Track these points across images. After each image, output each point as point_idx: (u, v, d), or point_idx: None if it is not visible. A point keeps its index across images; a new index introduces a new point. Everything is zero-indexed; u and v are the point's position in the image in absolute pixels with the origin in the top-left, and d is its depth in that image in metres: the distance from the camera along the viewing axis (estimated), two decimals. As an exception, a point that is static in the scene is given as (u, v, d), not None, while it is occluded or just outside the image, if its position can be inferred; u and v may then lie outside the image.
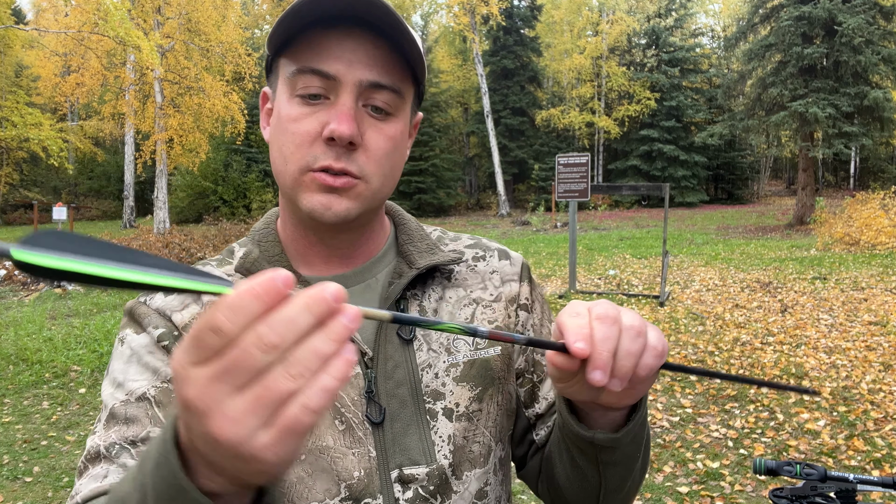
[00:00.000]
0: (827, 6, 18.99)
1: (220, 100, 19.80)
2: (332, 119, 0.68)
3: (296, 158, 0.69)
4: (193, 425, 0.38)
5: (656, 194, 14.57)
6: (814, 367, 5.49)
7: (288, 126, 0.70)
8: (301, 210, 0.71)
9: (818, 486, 1.28)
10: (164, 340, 0.71)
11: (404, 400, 0.72)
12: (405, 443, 0.71)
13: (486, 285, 0.83)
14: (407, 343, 0.75)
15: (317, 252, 0.77)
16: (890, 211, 14.19)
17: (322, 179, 0.69)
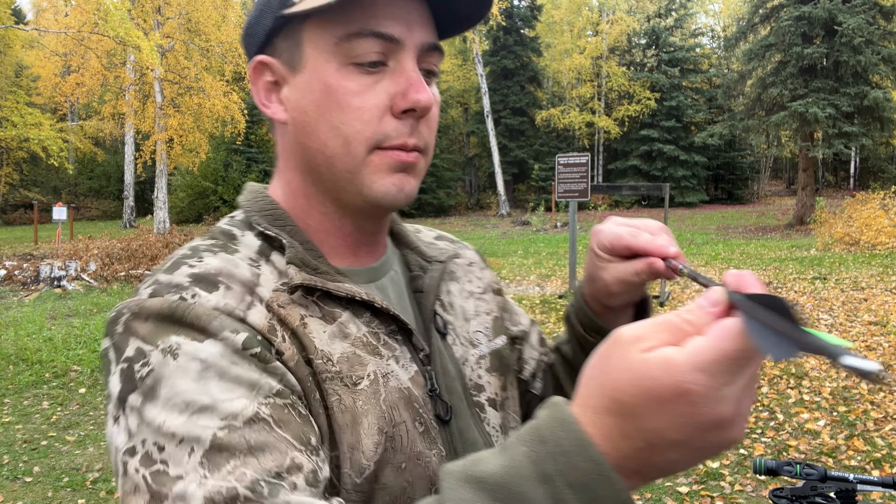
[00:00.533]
0: (827, 6, 18.99)
1: (220, 100, 19.81)
2: (402, 88, 0.61)
3: (363, 137, 0.61)
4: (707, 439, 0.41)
5: (656, 194, 14.58)
6: (814, 367, 5.49)
7: (350, 100, 0.61)
8: (362, 195, 0.63)
9: (818, 486, 1.28)
10: (251, 347, 0.55)
11: (459, 395, 0.71)
12: (470, 438, 0.69)
13: (471, 277, 0.83)
14: (443, 337, 0.73)
15: (348, 242, 0.69)
16: (890, 211, 14.19)
17: (398, 157, 0.62)
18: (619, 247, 0.67)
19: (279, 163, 0.70)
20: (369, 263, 0.71)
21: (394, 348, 0.65)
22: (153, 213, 21.50)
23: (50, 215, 18.94)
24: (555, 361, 0.87)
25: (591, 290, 0.73)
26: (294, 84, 0.63)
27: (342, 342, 0.62)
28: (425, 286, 0.73)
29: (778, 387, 5.10)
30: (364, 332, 0.64)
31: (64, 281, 10.57)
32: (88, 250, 12.74)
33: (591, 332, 0.76)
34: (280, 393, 0.54)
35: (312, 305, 0.62)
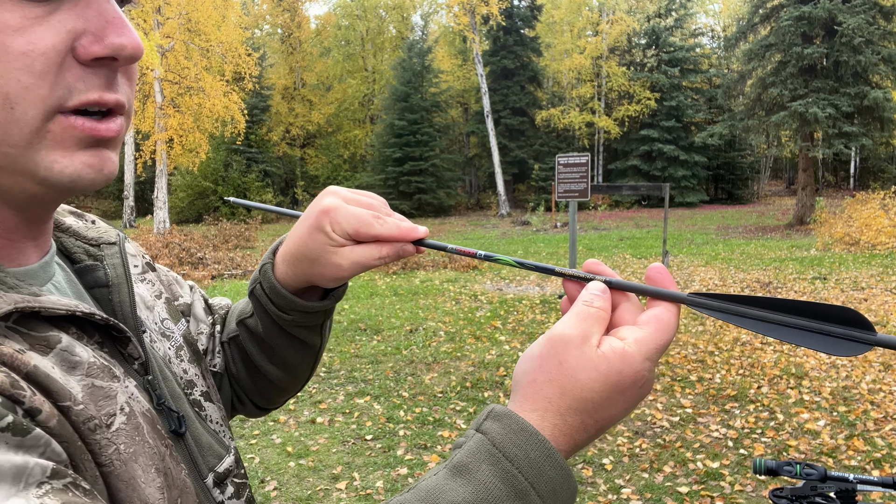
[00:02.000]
0: (827, 6, 18.99)
1: (220, 100, 19.81)
2: (95, 25, 0.44)
3: (36, 96, 0.42)
4: (637, 402, 0.50)
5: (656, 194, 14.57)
6: (814, 367, 5.49)
7: (10, 41, 0.41)
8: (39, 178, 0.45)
9: (818, 486, 1.28)
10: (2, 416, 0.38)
11: (180, 398, 0.61)
12: (204, 443, 0.61)
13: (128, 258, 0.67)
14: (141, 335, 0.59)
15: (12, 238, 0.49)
16: (890, 211, 14.19)
17: (88, 128, 0.45)
18: (364, 235, 0.60)
19: None
20: (38, 259, 0.52)
21: (115, 364, 0.50)
22: (153, 213, 21.51)
23: (50, 215, 18.90)
24: (240, 335, 0.77)
25: (306, 270, 0.64)
26: None
27: (74, 374, 0.45)
28: (111, 278, 0.58)
29: (778, 387, 5.10)
30: (92, 354, 0.48)
31: (64, 281, 10.58)
32: (88, 250, 12.74)
33: (286, 311, 0.69)
34: (56, 473, 0.38)
35: (14, 334, 0.43)
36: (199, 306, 0.78)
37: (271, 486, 3.79)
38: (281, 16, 37.73)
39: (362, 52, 38.62)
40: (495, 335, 6.92)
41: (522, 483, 0.42)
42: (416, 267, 11.96)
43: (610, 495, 3.59)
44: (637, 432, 4.39)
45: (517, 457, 0.43)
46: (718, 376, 5.39)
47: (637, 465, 3.92)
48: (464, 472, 0.43)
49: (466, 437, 0.47)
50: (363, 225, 0.60)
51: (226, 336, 0.79)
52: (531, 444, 0.44)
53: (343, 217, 0.60)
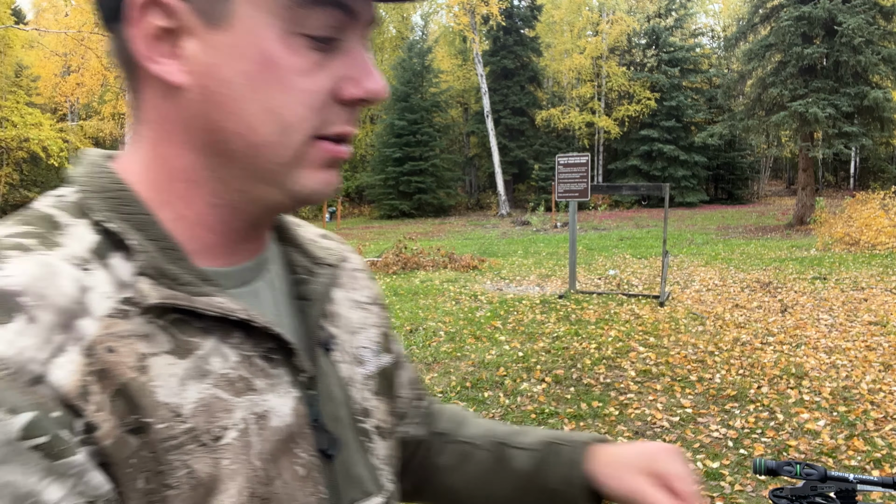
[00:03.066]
0: (827, 6, 19.00)
1: (220, 100, 19.85)
2: (356, 73, 0.51)
3: (306, 126, 0.50)
4: None
5: (656, 194, 14.58)
6: (814, 367, 5.49)
7: (295, 80, 0.49)
8: (286, 190, 0.52)
9: (818, 486, 1.28)
10: (36, 435, 0.39)
11: (345, 424, 0.60)
12: (355, 474, 0.60)
13: (356, 285, 0.72)
14: (327, 352, 0.61)
15: (229, 239, 0.55)
16: (890, 211, 14.19)
17: (334, 152, 0.53)
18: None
19: (147, 132, 0.52)
20: (245, 261, 0.57)
21: (270, 374, 0.53)
22: (153, 213, 21.50)
23: (50, 215, 18.90)
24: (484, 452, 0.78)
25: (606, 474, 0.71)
26: (210, 42, 0.48)
27: (199, 384, 0.48)
28: (312, 293, 0.61)
29: (778, 387, 5.10)
30: (233, 363, 0.51)
31: (64, 281, 10.57)
32: (88, 250, 12.73)
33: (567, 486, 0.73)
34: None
35: (161, 334, 0.47)
36: (407, 372, 0.81)
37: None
38: (281, 16, 37.73)
39: (362, 52, 38.59)
40: (495, 335, 6.92)
41: None
42: (416, 267, 11.96)
43: (610, 495, 3.59)
44: (637, 432, 4.39)
45: None
46: (718, 376, 5.39)
47: (637, 465, 3.92)
48: None
49: None
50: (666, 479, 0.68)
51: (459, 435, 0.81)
52: None
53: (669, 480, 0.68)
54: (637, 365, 5.75)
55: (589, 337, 6.68)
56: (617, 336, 6.68)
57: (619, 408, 4.81)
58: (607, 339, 6.59)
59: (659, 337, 6.64)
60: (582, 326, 7.13)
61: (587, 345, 6.40)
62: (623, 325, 7.11)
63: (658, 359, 5.90)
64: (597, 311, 7.92)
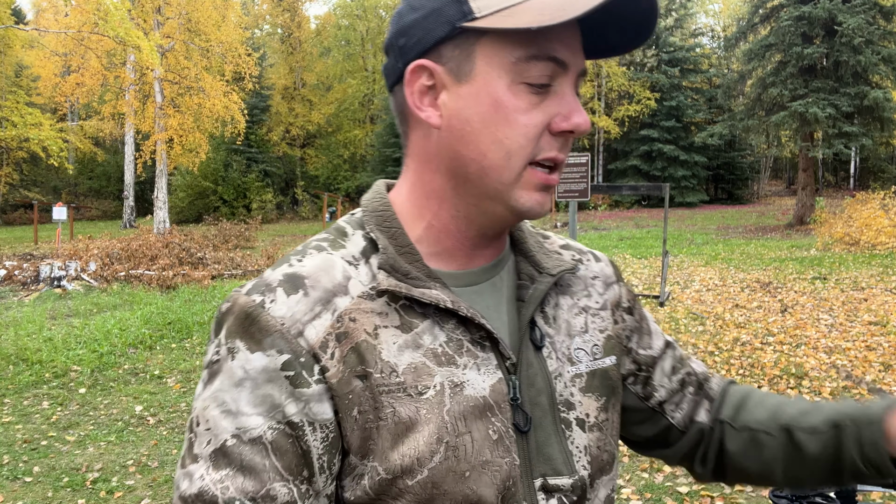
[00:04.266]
0: (827, 6, 19.00)
1: (220, 100, 19.81)
2: (565, 111, 0.64)
3: (525, 153, 0.64)
4: None
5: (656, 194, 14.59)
6: (814, 367, 5.49)
7: (518, 117, 0.63)
8: (508, 206, 0.67)
9: (818, 485, 1.28)
10: (288, 369, 0.61)
11: (544, 409, 0.70)
12: (548, 452, 0.69)
13: (591, 292, 0.81)
14: (538, 349, 0.72)
15: (466, 244, 0.71)
16: (890, 211, 14.19)
17: (544, 179, 0.66)
18: None
19: (412, 163, 0.71)
20: (476, 266, 0.72)
21: (477, 356, 0.66)
22: (153, 213, 21.51)
23: (50, 215, 18.94)
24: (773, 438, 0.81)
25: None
26: (457, 93, 0.65)
27: (413, 353, 0.64)
28: (528, 296, 0.73)
29: (778, 387, 5.10)
30: (441, 342, 0.66)
31: (64, 281, 10.58)
32: (88, 250, 12.74)
33: (870, 467, 0.75)
34: (292, 423, 0.60)
35: (393, 313, 0.65)
36: (668, 363, 0.87)
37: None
38: (281, 16, 37.75)
39: (362, 52, 38.62)
40: (495, 335, 6.93)
41: None
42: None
43: (610, 495, 3.59)
44: (637, 432, 4.39)
45: None
46: (718, 376, 5.39)
47: (637, 465, 3.92)
48: None
49: None
50: None
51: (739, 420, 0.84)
52: None
53: None
54: (637, 365, 5.75)
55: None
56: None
57: (619, 408, 4.80)
58: (607, 339, 6.59)
59: (659, 337, 6.63)
60: (582, 326, 7.13)
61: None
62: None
63: (658, 359, 5.90)
64: (597, 311, 7.91)
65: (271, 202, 31.98)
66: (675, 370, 0.87)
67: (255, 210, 29.38)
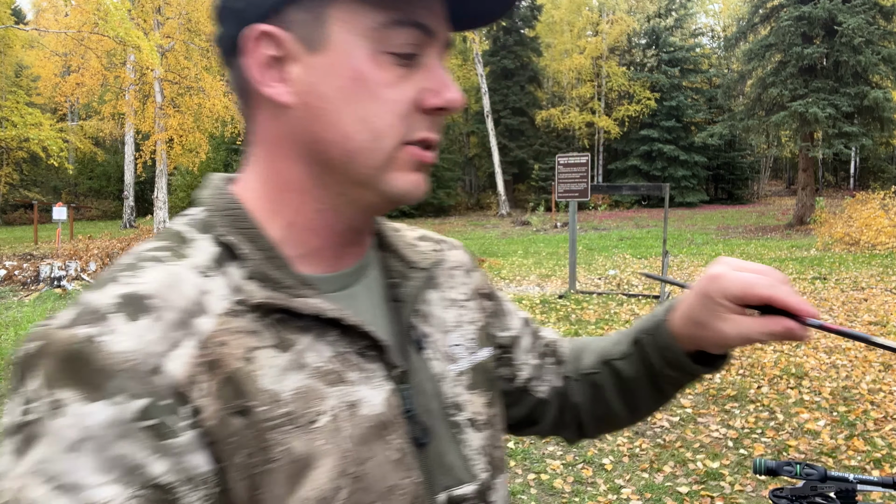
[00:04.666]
0: (827, 6, 19.00)
1: (220, 100, 19.81)
2: (436, 85, 0.58)
3: (395, 132, 0.57)
4: None
5: (656, 194, 14.59)
6: (814, 367, 5.49)
7: (383, 92, 0.56)
8: (381, 192, 0.59)
9: (818, 486, 1.28)
10: (148, 418, 0.47)
11: (437, 415, 0.64)
12: (448, 462, 0.64)
13: (455, 283, 0.75)
14: (420, 351, 0.66)
15: (334, 242, 0.62)
16: (890, 211, 14.19)
17: (420, 156, 0.59)
18: (751, 297, 0.64)
19: (260, 151, 0.60)
20: (346, 267, 0.64)
21: (364, 368, 0.58)
22: (153, 213, 21.52)
23: (50, 215, 18.95)
24: (601, 374, 0.81)
25: (694, 333, 0.70)
26: (310, 64, 0.56)
27: (297, 375, 0.54)
28: (404, 296, 0.66)
29: (778, 387, 5.10)
30: (327, 357, 0.56)
31: (64, 281, 10.58)
32: (88, 250, 12.75)
33: (674, 368, 0.73)
34: (160, 487, 0.46)
35: (267, 330, 0.55)
36: (527, 340, 0.83)
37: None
38: (281, 16, 37.75)
39: (362, 52, 38.63)
40: (495, 335, 6.93)
41: None
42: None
43: (610, 495, 3.59)
44: (637, 432, 4.39)
45: None
46: (718, 376, 5.39)
47: (637, 465, 3.92)
48: None
49: None
50: (748, 286, 0.64)
51: (578, 371, 0.83)
52: None
53: (731, 281, 0.65)
54: (637, 365, 5.75)
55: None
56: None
57: (619, 408, 4.80)
58: (607, 339, 6.59)
59: (659, 337, 6.64)
60: (582, 326, 7.13)
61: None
62: (623, 325, 7.11)
63: (658, 359, 5.90)
64: (597, 311, 7.92)
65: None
66: (534, 345, 0.84)
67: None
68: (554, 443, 4.26)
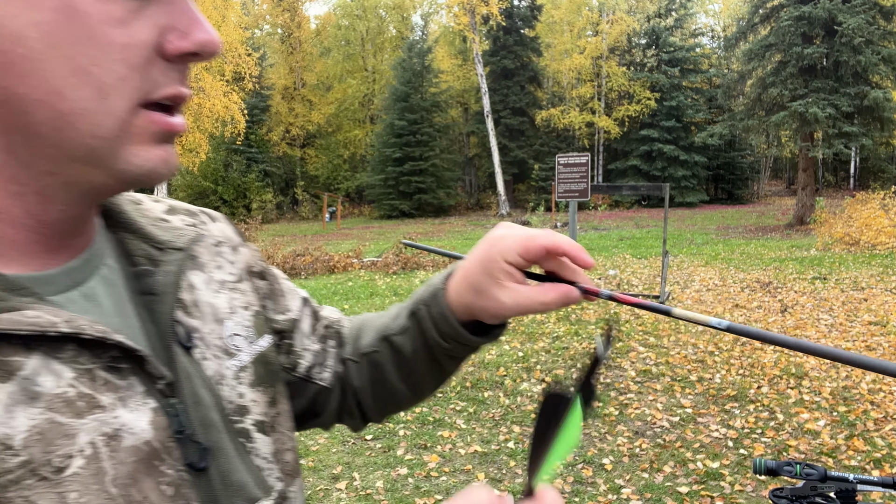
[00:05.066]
0: (827, 6, 19.00)
1: (220, 100, 19.81)
2: (182, 23, 0.45)
3: (128, 88, 0.43)
4: None
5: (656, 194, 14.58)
6: (814, 367, 5.49)
7: (109, 31, 0.41)
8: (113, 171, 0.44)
9: (818, 486, 1.28)
10: None
11: (219, 427, 0.53)
12: (237, 480, 0.53)
13: (221, 261, 0.62)
14: (188, 351, 0.53)
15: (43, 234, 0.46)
16: (890, 211, 14.19)
17: (165, 124, 0.45)
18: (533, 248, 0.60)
19: None
20: (68, 260, 0.48)
21: (118, 386, 0.45)
22: (153, 213, 21.47)
23: (50, 215, 18.91)
24: (381, 352, 0.74)
25: (471, 302, 0.64)
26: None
27: (29, 409, 0.40)
28: (159, 286, 0.53)
29: (778, 387, 5.10)
30: (69, 381, 0.43)
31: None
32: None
33: (448, 340, 0.68)
34: None
35: None
36: (307, 322, 0.74)
37: (271, 486, 3.79)
38: (281, 16, 37.75)
39: (362, 52, 38.62)
40: (495, 335, 6.92)
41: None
42: (416, 267, 11.96)
43: (610, 495, 3.59)
44: (637, 432, 4.39)
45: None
46: (718, 376, 5.39)
47: (637, 465, 3.92)
48: None
49: None
50: (529, 240, 0.60)
51: (357, 351, 0.76)
52: None
53: (511, 240, 0.61)
54: (637, 365, 5.75)
55: (589, 337, 6.69)
56: (617, 336, 6.68)
57: (619, 408, 4.81)
58: (607, 339, 6.59)
59: (659, 337, 6.64)
60: (582, 326, 7.13)
61: (587, 345, 6.40)
62: (623, 325, 7.11)
63: (658, 359, 5.90)
64: (597, 311, 7.92)
65: (271, 202, 31.97)
66: (314, 328, 0.75)
67: (255, 210, 29.38)
68: (554, 443, 4.25)
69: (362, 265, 12.48)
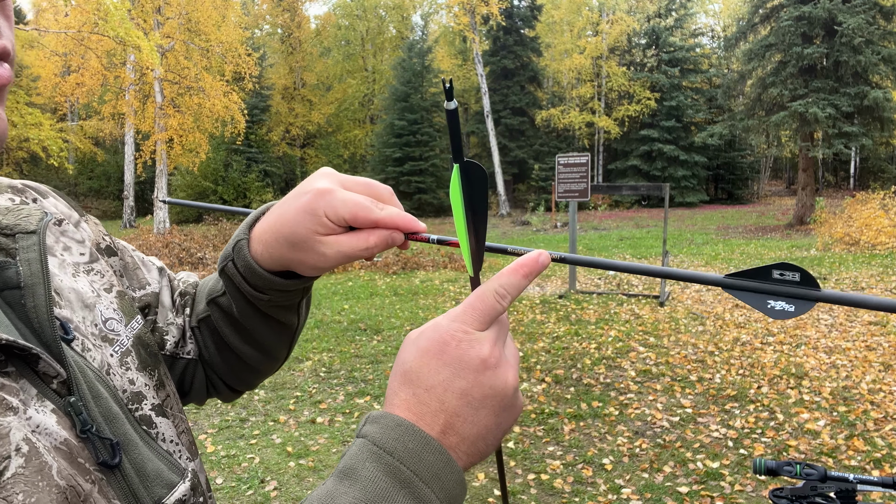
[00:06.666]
0: (827, 6, 18.99)
1: (220, 100, 19.81)
2: None
3: None
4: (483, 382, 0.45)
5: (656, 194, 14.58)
6: (814, 367, 5.49)
7: None
8: None
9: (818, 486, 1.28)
10: None
11: (121, 419, 0.50)
12: (151, 470, 0.51)
13: (68, 242, 0.58)
14: (68, 344, 0.50)
15: None
16: (890, 211, 14.19)
17: None
18: (363, 220, 0.55)
19: None
20: None
21: (15, 389, 0.42)
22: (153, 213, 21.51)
23: (50, 215, 18.91)
24: (212, 315, 0.70)
25: (285, 255, 0.59)
26: None
27: None
28: (24, 277, 0.48)
29: (778, 387, 5.10)
30: None
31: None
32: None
33: (262, 291, 0.64)
34: None
35: None
36: (167, 294, 0.70)
37: (271, 486, 3.79)
38: (281, 16, 37.74)
39: (362, 52, 38.62)
40: (495, 335, 6.92)
41: (405, 472, 0.42)
42: (416, 267, 11.96)
43: (610, 495, 3.59)
44: (637, 432, 4.39)
45: (396, 449, 0.43)
46: (718, 376, 5.39)
47: (637, 465, 3.92)
48: (350, 474, 0.42)
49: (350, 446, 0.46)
50: (362, 209, 0.55)
51: (196, 318, 0.71)
52: (408, 436, 0.44)
53: (340, 201, 0.55)
54: (637, 365, 5.75)
55: (589, 337, 6.68)
56: (617, 336, 6.68)
57: (619, 408, 4.81)
58: (607, 339, 6.59)
59: (659, 337, 6.64)
60: (582, 326, 7.13)
61: (587, 345, 6.40)
62: (623, 325, 7.11)
63: (658, 359, 5.90)
64: (597, 311, 7.92)
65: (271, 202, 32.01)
66: (174, 301, 0.71)
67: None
68: (554, 443, 4.26)
69: (362, 265, 12.49)
